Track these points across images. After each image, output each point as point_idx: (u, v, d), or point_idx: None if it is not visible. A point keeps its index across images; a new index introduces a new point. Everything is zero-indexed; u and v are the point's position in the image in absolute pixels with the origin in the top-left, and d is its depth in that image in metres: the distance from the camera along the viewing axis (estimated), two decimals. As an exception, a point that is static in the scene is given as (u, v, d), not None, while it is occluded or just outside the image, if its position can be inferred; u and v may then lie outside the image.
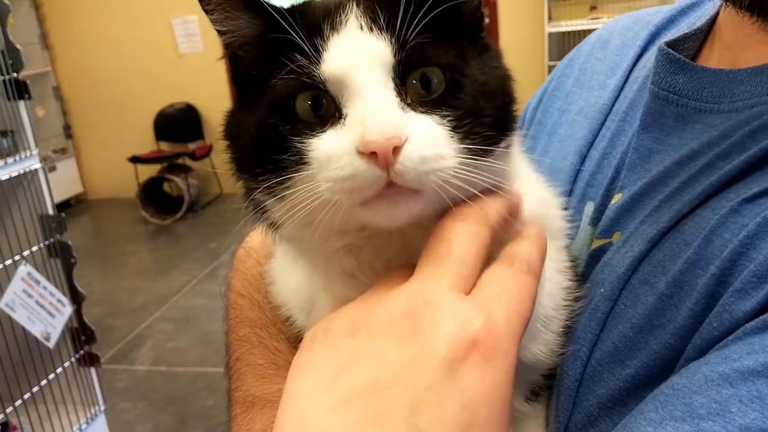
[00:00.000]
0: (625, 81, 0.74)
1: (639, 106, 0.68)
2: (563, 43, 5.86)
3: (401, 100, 0.47)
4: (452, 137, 0.47)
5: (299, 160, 0.48)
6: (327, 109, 0.48)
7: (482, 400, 0.39)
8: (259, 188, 0.50)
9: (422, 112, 0.47)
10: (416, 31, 0.47)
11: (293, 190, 0.48)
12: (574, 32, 5.71)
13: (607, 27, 0.86)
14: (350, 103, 0.47)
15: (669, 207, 0.56)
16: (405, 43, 0.47)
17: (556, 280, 0.58)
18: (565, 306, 0.58)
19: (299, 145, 0.48)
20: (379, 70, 0.47)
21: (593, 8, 5.79)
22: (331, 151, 0.46)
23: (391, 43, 0.48)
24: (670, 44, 0.66)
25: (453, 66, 0.49)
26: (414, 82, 0.48)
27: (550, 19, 5.78)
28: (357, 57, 0.47)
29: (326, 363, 0.43)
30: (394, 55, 0.47)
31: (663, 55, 0.65)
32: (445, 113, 0.47)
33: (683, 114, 0.62)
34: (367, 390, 0.40)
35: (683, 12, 0.75)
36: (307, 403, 0.41)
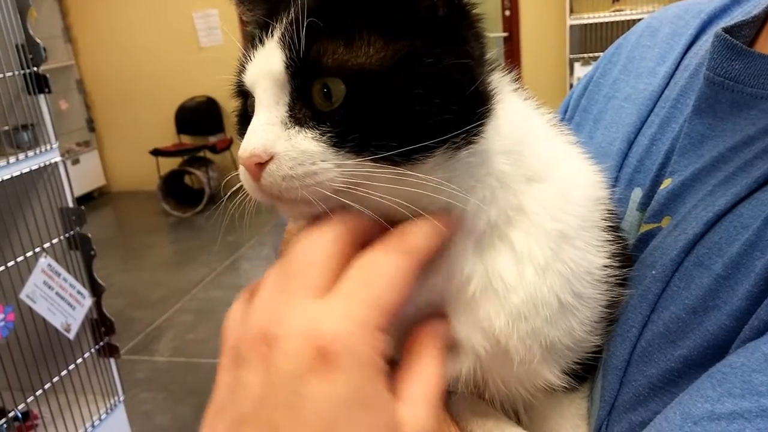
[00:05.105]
0: (676, 68, 0.73)
1: (691, 93, 0.66)
2: (585, 36, 5.78)
3: (292, 115, 0.48)
4: (338, 150, 0.46)
5: None
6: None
7: (337, 407, 0.39)
8: None
9: (311, 127, 0.47)
10: (314, 39, 0.47)
11: None
12: (595, 25, 5.63)
13: (656, 15, 0.84)
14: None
15: (724, 191, 0.54)
16: (299, 55, 0.47)
17: (588, 258, 0.56)
18: (603, 285, 0.56)
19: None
20: (273, 85, 0.49)
21: (616, 0, 5.70)
22: None
23: (287, 55, 0.48)
24: (726, 30, 0.64)
25: (357, 72, 0.46)
26: (318, 92, 0.47)
27: (571, 11, 5.70)
28: (259, 72, 0.50)
29: (212, 403, 0.45)
30: (287, 69, 0.48)
31: (720, 41, 0.63)
32: (332, 126, 0.46)
33: (738, 100, 0.60)
34: (238, 422, 0.41)
35: (737, 1, 0.73)
36: None
